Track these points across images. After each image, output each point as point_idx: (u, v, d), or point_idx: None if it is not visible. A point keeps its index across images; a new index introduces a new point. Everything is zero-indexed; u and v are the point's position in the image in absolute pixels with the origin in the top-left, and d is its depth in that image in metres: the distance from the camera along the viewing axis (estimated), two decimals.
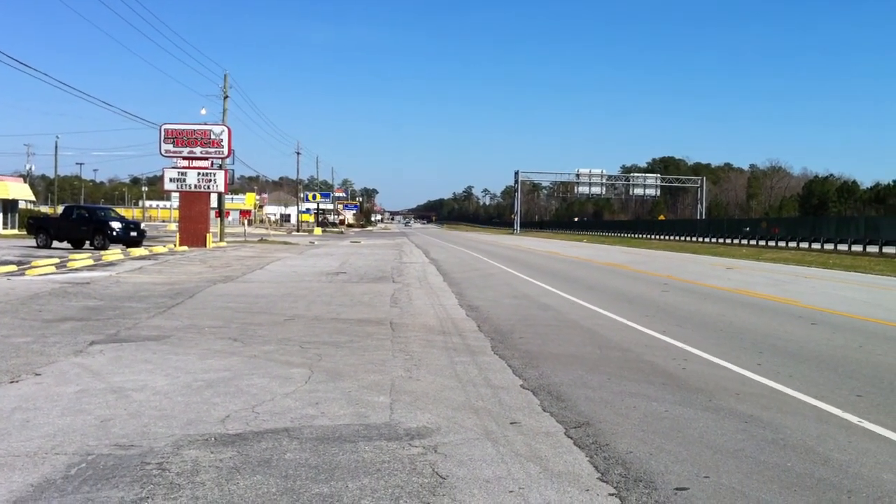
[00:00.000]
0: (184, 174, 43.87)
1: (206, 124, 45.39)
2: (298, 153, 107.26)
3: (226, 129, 45.15)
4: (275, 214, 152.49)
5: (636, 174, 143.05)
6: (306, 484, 5.21)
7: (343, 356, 9.97)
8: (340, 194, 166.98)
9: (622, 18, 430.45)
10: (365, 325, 12.98)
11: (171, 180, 44.48)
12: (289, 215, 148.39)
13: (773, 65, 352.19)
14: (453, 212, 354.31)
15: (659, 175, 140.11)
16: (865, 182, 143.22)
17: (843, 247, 50.95)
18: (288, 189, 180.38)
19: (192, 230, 43.13)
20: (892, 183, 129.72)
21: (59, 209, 58.00)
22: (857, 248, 49.35)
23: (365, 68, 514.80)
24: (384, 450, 5.97)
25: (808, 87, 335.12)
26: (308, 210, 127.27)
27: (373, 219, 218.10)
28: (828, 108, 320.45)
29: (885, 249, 45.96)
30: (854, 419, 7.26)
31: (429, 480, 5.33)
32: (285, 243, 54.29)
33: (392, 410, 7.19)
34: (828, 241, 53.75)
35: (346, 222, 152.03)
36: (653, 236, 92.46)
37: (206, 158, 44.29)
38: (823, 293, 20.85)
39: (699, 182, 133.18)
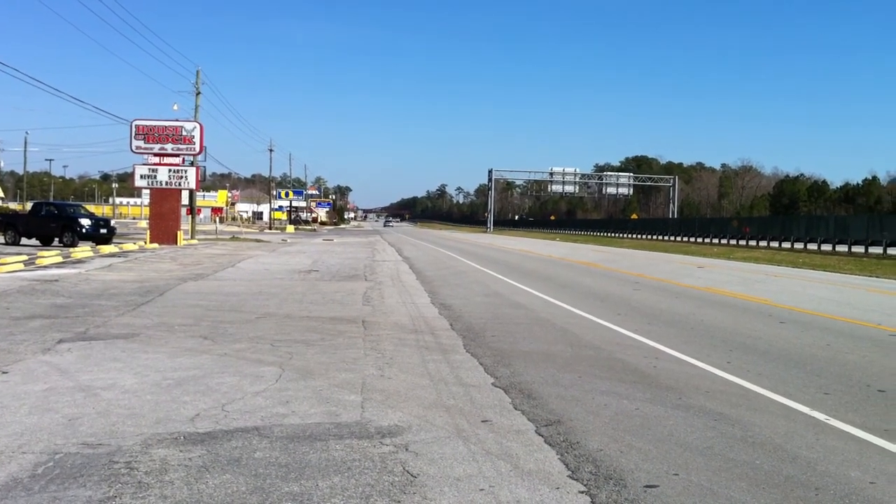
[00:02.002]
0: (155, 171, 43.47)
1: (177, 121, 45.06)
2: (271, 150, 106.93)
3: (198, 126, 44.83)
4: (247, 212, 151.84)
5: (609, 173, 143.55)
6: (276, 483, 5.18)
7: (314, 354, 9.93)
8: (313, 192, 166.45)
9: (596, 18, 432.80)
10: (337, 324, 12.94)
11: (141, 177, 44.05)
12: (261, 213, 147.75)
13: (744, 65, 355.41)
14: (427, 210, 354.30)
15: (632, 174, 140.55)
16: (835, 182, 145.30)
17: (812, 246, 51.61)
18: (260, 186, 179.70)
19: (163, 227, 42.78)
20: (861, 183, 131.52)
21: (29, 206, 57.34)
22: (827, 247, 50.00)
23: (338, 66, 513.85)
24: (355, 448, 5.95)
25: (780, 88, 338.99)
26: (281, 208, 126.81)
27: (346, 217, 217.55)
28: (799, 108, 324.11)
29: (854, 249, 46.56)
30: (822, 417, 7.33)
31: (399, 479, 5.32)
32: (257, 241, 54.04)
33: (363, 409, 7.17)
34: (798, 241, 54.37)
35: (319, 220, 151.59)
36: (625, 235, 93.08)
37: (177, 155, 43.94)
38: (793, 292, 21.04)
39: (671, 181, 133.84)
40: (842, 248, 48.04)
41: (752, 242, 60.30)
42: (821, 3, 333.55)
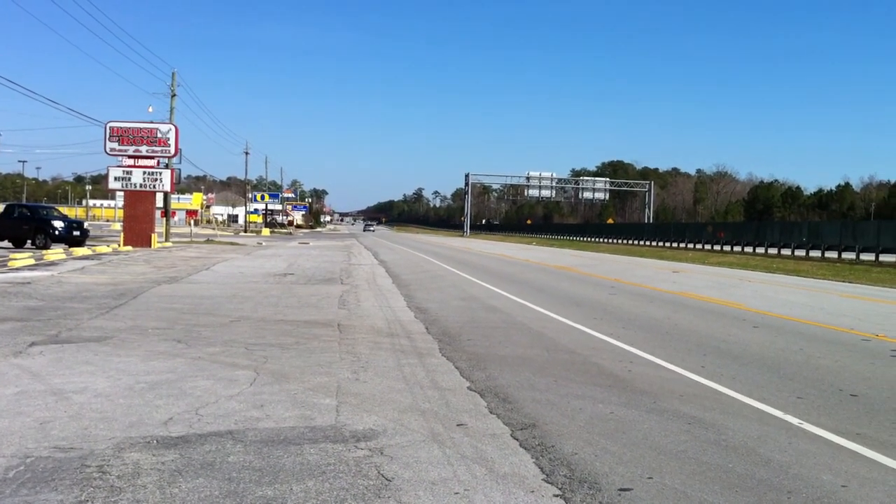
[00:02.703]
0: (129, 173, 43.11)
1: (152, 123, 44.67)
2: (247, 153, 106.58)
3: (173, 128, 44.50)
4: (222, 215, 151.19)
5: (585, 178, 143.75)
6: (250, 487, 5.15)
7: (289, 358, 9.89)
8: (289, 195, 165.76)
9: (572, 24, 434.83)
10: (312, 327, 12.89)
11: (115, 179, 43.66)
12: (236, 216, 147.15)
13: (721, 72, 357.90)
14: (403, 213, 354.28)
15: (608, 179, 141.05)
16: (809, 188, 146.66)
17: (786, 251, 52.01)
18: (236, 189, 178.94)
19: (137, 230, 42.44)
20: (834, 189, 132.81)
21: (1, 207, 56.75)
22: (801, 252, 50.44)
23: (315, 70, 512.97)
24: (329, 452, 5.93)
25: (755, 94, 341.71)
26: (256, 210, 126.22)
27: (322, 220, 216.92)
28: (774, 114, 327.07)
29: (828, 254, 47.02)
30: (795, 421, 7.38)
31: (374, 483, 5.30)
32: (232, 244, 53.75)
33: (338, 413, 7.14)
34: (772, 246, 54.80)
35: (295, 223, 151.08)
36: (601, 239, 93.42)
37: (152, 157, 43.59)
38: (766, 296, 21.20)
39: (647, 186, 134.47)
40: (815, 253, 48.49)
41: (727, 248, 60.70)
42: (795, 11, 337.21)
